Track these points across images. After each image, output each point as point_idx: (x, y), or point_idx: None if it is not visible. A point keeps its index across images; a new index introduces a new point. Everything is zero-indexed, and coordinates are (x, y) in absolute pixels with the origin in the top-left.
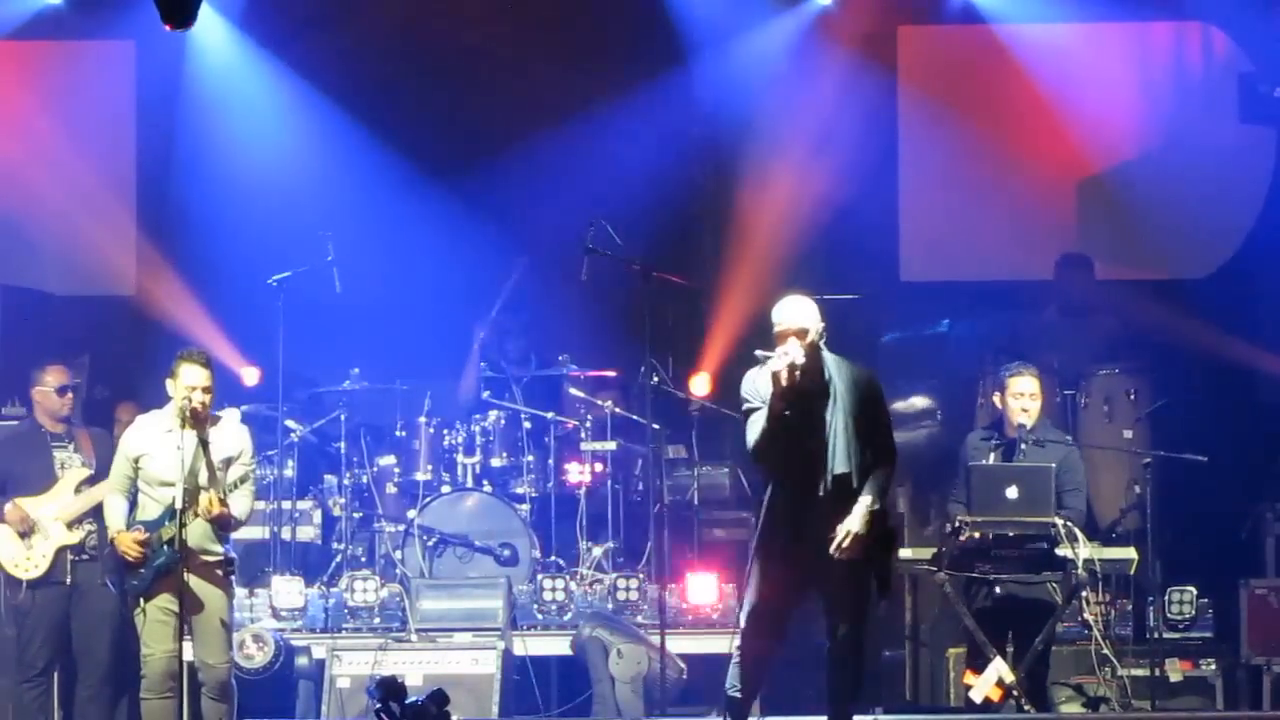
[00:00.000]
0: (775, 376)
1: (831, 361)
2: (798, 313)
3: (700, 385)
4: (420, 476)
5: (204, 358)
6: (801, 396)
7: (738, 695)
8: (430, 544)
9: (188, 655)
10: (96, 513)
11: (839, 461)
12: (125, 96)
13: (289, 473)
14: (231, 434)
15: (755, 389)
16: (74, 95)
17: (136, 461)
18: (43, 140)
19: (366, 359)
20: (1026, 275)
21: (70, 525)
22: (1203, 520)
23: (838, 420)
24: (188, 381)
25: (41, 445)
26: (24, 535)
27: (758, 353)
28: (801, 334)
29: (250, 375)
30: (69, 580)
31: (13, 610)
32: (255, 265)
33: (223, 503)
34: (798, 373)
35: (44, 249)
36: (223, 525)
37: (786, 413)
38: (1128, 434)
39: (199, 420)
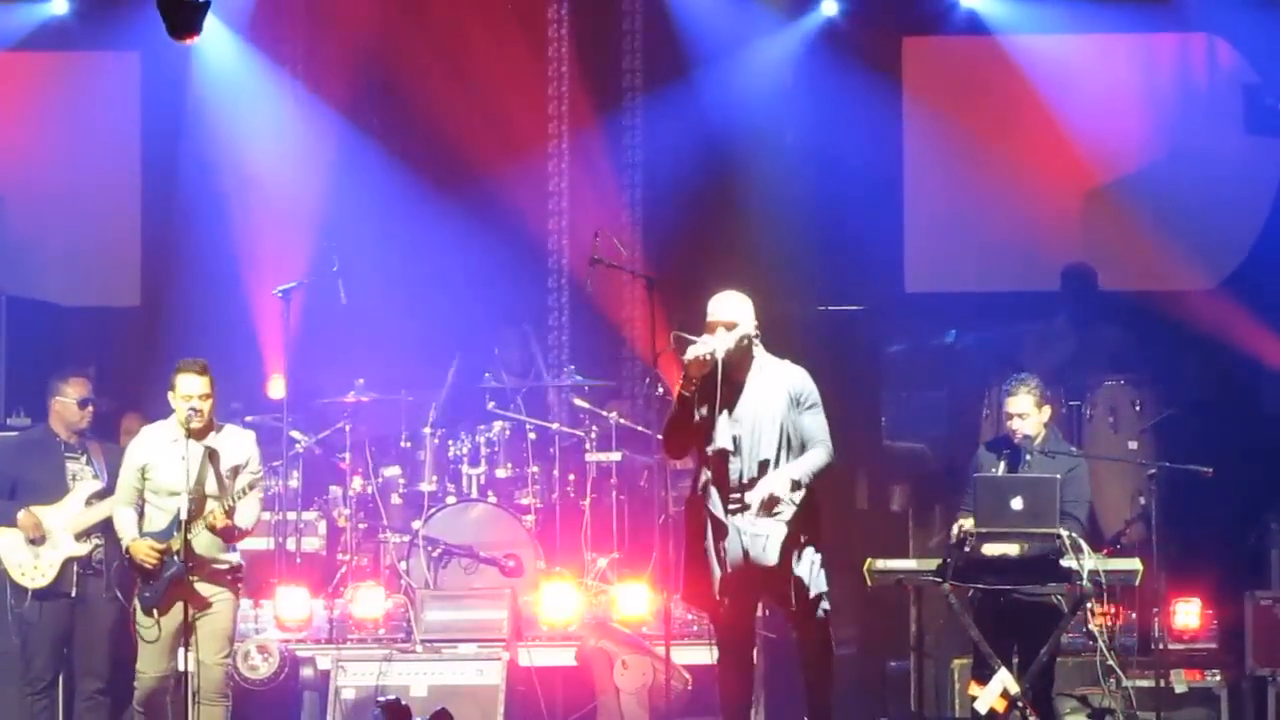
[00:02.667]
0: (689, 362)
1: (767, 362)
2: (727, 306)
3: None
4: (425, 487)
5: (199, 366)
6: (725, 390)
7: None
8: (435, 555)
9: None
10: (104, 526)
11: (762, 450)
12: (130, 107)
13: (294, 483)
14: (237, 443)
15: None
16: (79, 106)
17: (143, 472)
18: (48, 151)
19: (371, 370)
20: (1032, 286)
21: (78, 537)
22: (1208, 531)
23: (761, 417)
24: (184, 391)
25: (54, 454)
26: (33, 543)
27: (674, 334)
28: (729, 326)
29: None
30: (74, 592)
31: (18, 620)
32: (260, 276)
33: (228, 514)
34: (710, 360)
35: (50, 260)
36: (226, 537)
37: (684, 394)
38: (1133, 445)
39: (201, 429)
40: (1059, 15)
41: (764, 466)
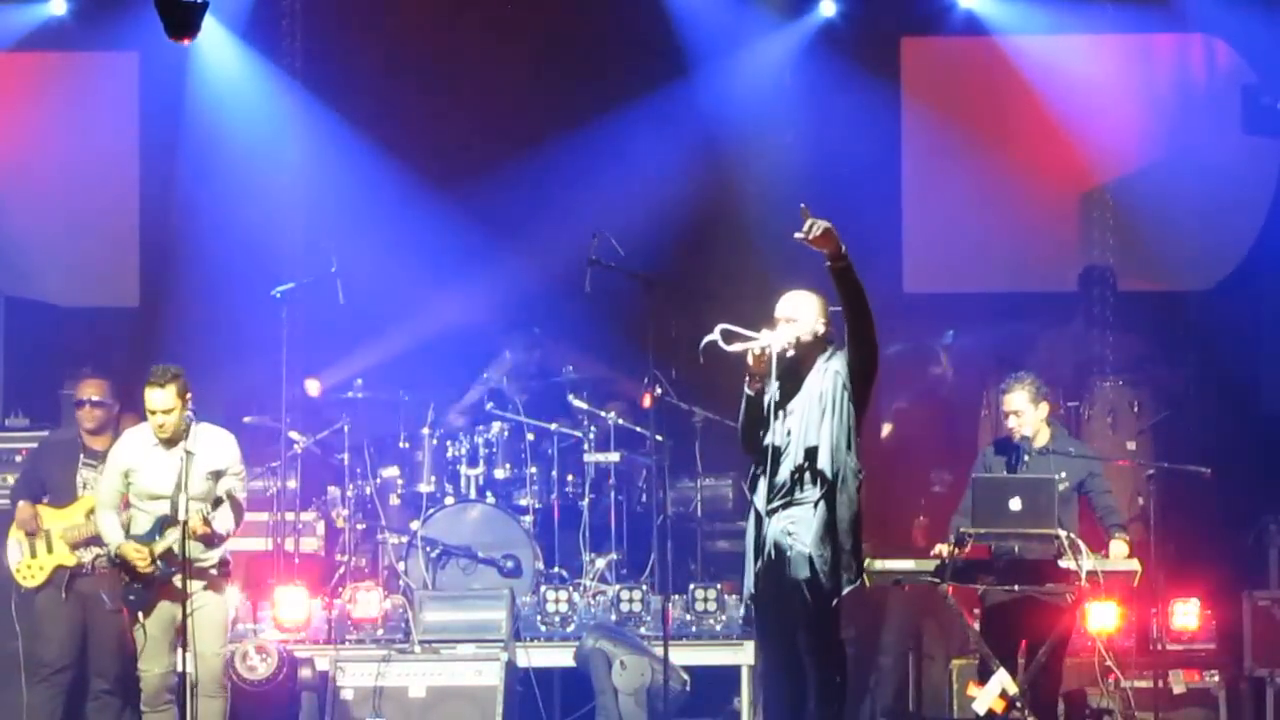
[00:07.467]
0: (752, 360)
1: (834, 357)
2: (788, 302)
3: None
4: (423, 488)
5: (164, 378)
6: (786, 386)
7: None
8: (433, 555)
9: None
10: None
11: (809, 438)
12: (129, 108)
13: (292, 484)
14: (216, 446)
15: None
16: (78, 106)
17: (126, 475)
18: (46, 151)
19: (370, 370)
20: (1030, 287)
21: (74, 547)
22: (1207, 532)
23: (812, 410)
24: (148, 405)
25: (70, 459)
26: (31, 537)
27: (722, 327)
28: (788, 322)
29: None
30: (65, 596)
31: (21, 611)
32: (259, 276)
33: (206, 521)
34: (766, 356)
35: (48, 260)
36: (207, 542)
37: (749, 394)
38: (1131, 445)
39: (172, 437)
40: (1057, 16)
41: (810, 453)
